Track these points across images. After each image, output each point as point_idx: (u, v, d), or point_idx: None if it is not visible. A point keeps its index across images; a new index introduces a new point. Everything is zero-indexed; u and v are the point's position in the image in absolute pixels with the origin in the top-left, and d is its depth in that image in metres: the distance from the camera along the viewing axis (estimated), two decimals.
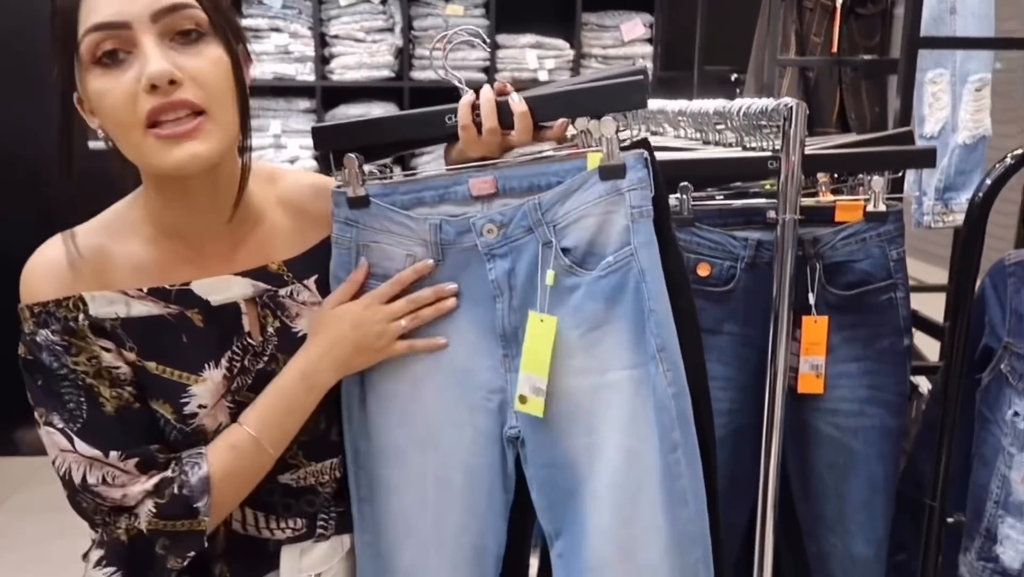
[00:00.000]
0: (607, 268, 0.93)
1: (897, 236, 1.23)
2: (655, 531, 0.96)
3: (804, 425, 1.25)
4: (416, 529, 1.01)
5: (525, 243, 0.95)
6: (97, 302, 0.87)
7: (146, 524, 0.86)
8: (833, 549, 1.27)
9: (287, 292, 0.96)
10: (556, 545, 1.01)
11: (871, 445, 1.24)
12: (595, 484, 0.97)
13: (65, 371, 0.85)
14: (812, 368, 1.22)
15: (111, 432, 0.86)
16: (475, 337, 0.98)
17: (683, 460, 0.95)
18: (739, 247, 1.24)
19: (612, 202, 0.92)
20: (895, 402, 1.24)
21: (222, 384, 0.91)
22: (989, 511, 1.22)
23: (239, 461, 0.90)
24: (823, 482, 1.26)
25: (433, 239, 0.96)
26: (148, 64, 0.79)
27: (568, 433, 0.97)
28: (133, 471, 0.86)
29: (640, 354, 0.94)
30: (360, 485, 1.01)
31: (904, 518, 1.30)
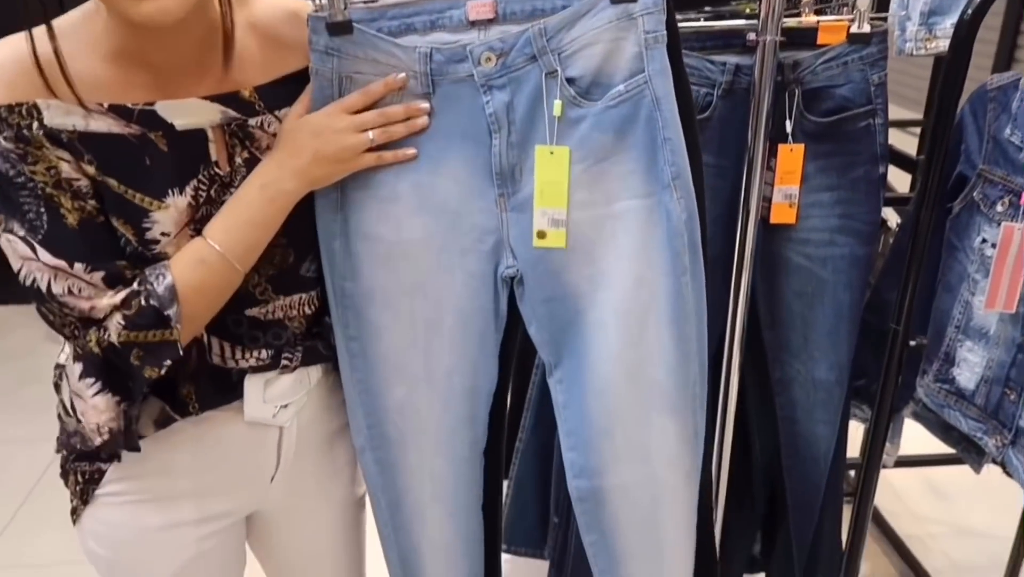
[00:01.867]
0: (617, 98, 0.90)
1: (880, 59, 1.19)
2: (661, 351, 0.98)
3: (774, 255, 1.25)
4: (406, 369, 1.02)
5: (526, 73, 0.90)
6: (52, 111, 0.82)
7: (116, 336, 0.85)
8: (796, 375, 1.30)
9: (257, 122, 0.91)
10: (556, 373, 1.03)
11: (839, 274, 1.25)
12: (599, 312, 0.97)
13: (23, 179, 0.81)
14: (786, 198, 1.21)
15: (74, 244, 0.83)
16: (466, 176, 0.94)
17: (691, 283, 0.97)
18: (716, 72, 1.18)
19: (622, 28, 0.88)
20: (866, 231, 1.24)
21: (186, 212, 0.87)
22: (949, 335, 1.26)
23: (207, 276, 0.87)
24: (790, 310, 1.27)
25: (423, 69, 0.90)
26: None
27: (570, 266, 0.96)
28: (100, 284, 0.84)
29: (653, 183, 0.92)
30: (347, 325, 1.00)
31: (866, 345, 1.33)
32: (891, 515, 2.28)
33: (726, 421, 1.25)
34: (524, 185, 0.94)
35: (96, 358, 0.86)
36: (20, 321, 3.36)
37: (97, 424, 0.89)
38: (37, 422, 2.72)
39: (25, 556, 2.16)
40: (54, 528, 2.25)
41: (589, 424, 1.02)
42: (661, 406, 1.01)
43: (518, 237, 0.96)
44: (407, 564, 1.16)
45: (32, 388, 2.90)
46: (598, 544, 1.10)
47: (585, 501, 1.07)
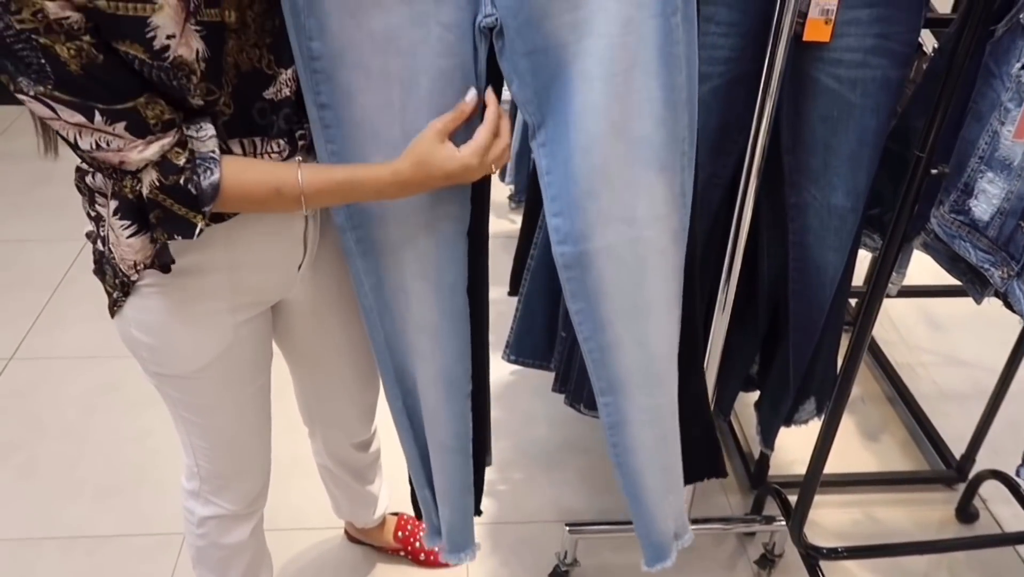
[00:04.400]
0: None
1: None
2: (648, 102, 0.95)
3: (803, 75, 1.20)
4: (382, 135, 0.98)
5: None
6: None
7: (147, 190, 0.87)
8: (812, 200, 1.29)
9: None
10: (539, 135, 0.99)
11: (868, 97, 1.20)
12: (584, 62, 0.93)
13: (13, 31, 0.77)
14: (822, 13, 1.14)
15: (84, 91, 0.81)
16: None
17: (682, 24, 0.92)
18: None
19: None
20: (901, 52, 1.18)
21: (180, 6, 0.83)
22: (972, 166, 1.23)
23: (272, 200, 0.92)
24: (813, 134, 1.24)
25: None
26: None
27: (552, 11, 0.91)
28: (125, 135, 0.84)
29: None
30: (318, 91, 0.95)
31: (885, 174, 1.31)
32: (885, 344, 2.35)
33: (738, 240, 1.26)
34: None
35: (131, 203, 0.89)
36: (28, 123, 3.31)
37: (133, 261, 0.95)
38: (53, 222, 2.77)
39: (56, 348, 2.26)
40: (81, 322, 2.34)
41: (574, 186, 0.99)
42: (648, 163, 0.98)
43: None
44: (393, 346, 1.17)
45: (45, 189, 2.91)
46: (584, 312, 1.10)
47: (571, 268, 1.06)
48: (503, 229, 2.72)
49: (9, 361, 2.22)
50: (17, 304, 2.42)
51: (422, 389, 1.21)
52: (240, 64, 0.90)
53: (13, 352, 2.25)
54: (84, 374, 2.16)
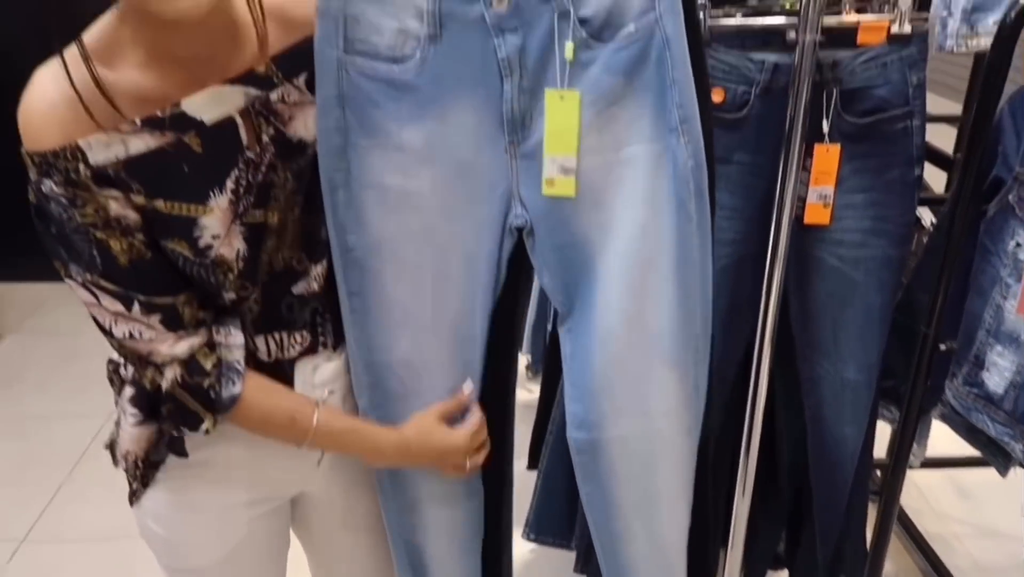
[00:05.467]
0: (628, 38, 0.90)
1: (919, 60, 1.18)
2: (663, 300, 0.98)
3: (807, 255, 1.26)
4: (411, 319, 1.00)
5: (538, 15, 0.89)
6: (95, 149, 0.84)
7: (167, 384, 0.90)
8: (826, 374, 1.31)
9: (278, 95, 0.92)
10: (567, 322, 1.03)
11: (871, 275, 1.25)
12: (607, 258, 0.97)
13: (74, 224, 0.84)
14: (820, 198, 1.21)
15: (128, 283, 0.87)
16: (476, 124, 0.93)
17: (696, 232, 0.97)
18: (755, 70, 1.19)
19: None
20: (899, 233, 1.24)
21: (229, 210, 0.90)
22: (980, 339, 1.25)
23: (285, 426, 0.96)
24: (821, 310, 1.28)
25: (430, 8, 0.89)
26: None
27: (579, 213, 0.96)
28: (158, 327, 0.88)
29: (660, 127, 0.92)
30: (349, 280, 0.98)
31: (896, 346, 1.33)
32: (915, 513, 2.28)
33: (755, 418, 1.26)
34: (534, 132, 0.93)
35: (146, 393, 0.92)
36: (63, 299, 3.43)
37: (127, 450, 0.97)
38: (79, 399, 2.80)
39: (68, 531, 2.22)
40: (96, 504, 2.31)
41: (592, 375, 1.02)
42: (662, 357, 1.01)
43: (528, 185, 0.95)
44: (406, 523, 1.15)
45: (74, 365, 2.97)
46: (594, 495, 1.10)
47: (583, 453, 1.07)
48: (521, 399, 2.69)
49: (21, 543, 2.19)
50: (35, 481, 2.40)
51: (436, 568, 1.18)
52: (274, 262, 0.95)
53: (26, 533, 2.21)
54: (99, 558, 2.12)
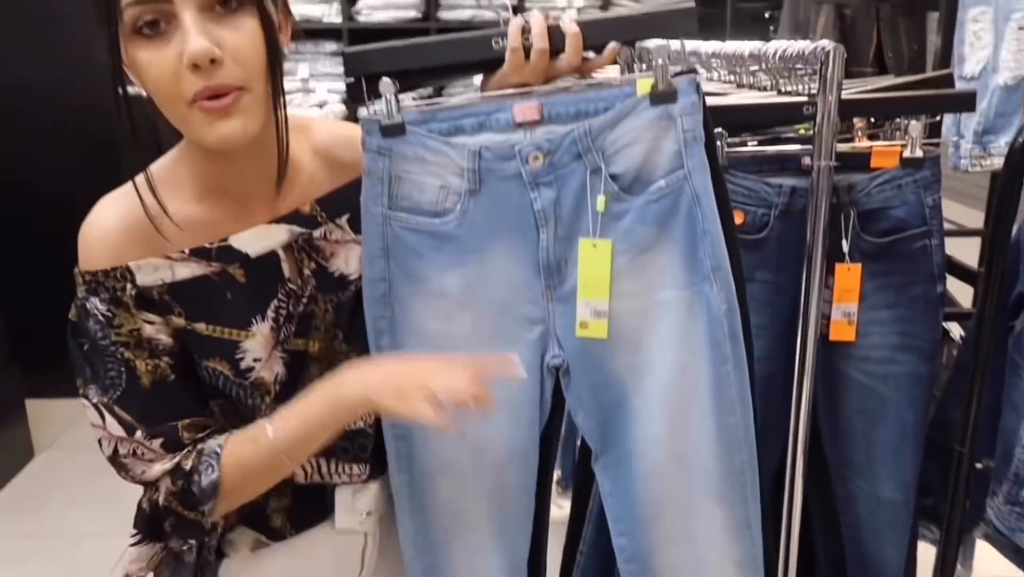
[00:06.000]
0: (658, 192, 0.94)
1: (933, 182, 1.22)
2: (705, 439, 0.99)
3: (835, 372, 1.26)
4: (454, 465, 1.02)
5: (572, 170, 0.94)
6: (143, 271, 0.89)
7: (163, 498, 0.91)
8: (861, 492, 1.29)
9: (320, 233, 0.97)
10: (602, 459, 1.04)
11: (901, 391, 1.25)
12: (643, 398, 0.99)
13: (107, 342, 0.88)
14: (844, 316, 1.22)
15: (145, 406, 0.89)
16: (513, 271, 0.97)
17: (732, 372, 0.98)
18: (773, 194, 1.23)
19: (663, 127, 0.92)
20: (927, 349, 1.24)
21: (271, 336, 0.94)
22: (1018, 456, 1.23)
23: (254, 457, 0.90)
24: (852, 427, 1.27)
25: (471, 166, 0.94)
26: (188, 42, 0.79)
27: (615, 355, 0.99)
28: (159, 450, 0.90)
29: (693, 274, 0.95)
30: (395, 423, 1.01)
31: (932, 463, 1.31)
32: None
33: (790, 539, 1.24)
34: (569, 277, 0.97)
35: (144, 513, 0.93)
36: None
37: (127, 572, 0.98)
38: (109, 516, 2.79)
39: None
40: None
41: (636, 509, 1.02)
42: (706, 492, 1.01)
43: (564, 328, 0.98)
44: None
45: (100, 481, 2.97)
46: None
47: None
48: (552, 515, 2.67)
49: None
50: None
51: None
52: None
53: None
54: None
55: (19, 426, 3.07)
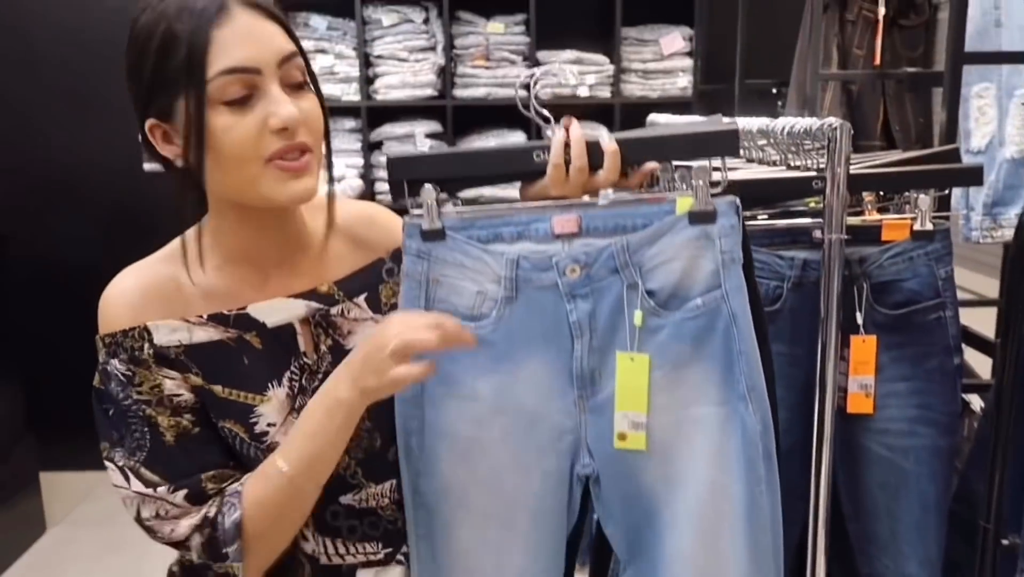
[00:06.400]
0: (695, 310, 0.95)
1: (945, 254, 1.23)
2: (735, 558, 0.98)
3: (854, 444, 1.25)
4: (476, 569, 1.02)
5: (609, 284, 0.95)
6: (161, 331, 0.92)
7: (196, 557, 0.91)
8: (885, 570, 1.26)
9: (338, 311, 0.99)
10: (628, 570, 1.03)
11: (922, 465, 1.23)
12: (673, 511, 0.98)
13: (129, 401, 0.90)
14: (861, 388, 1.22)
15: (171, 462, 0.90)
16: (546, 379, 0.98)
17: (766, 492, 0.97)
18: (785, 267, 1.24)
19: (701, 246, 0.93)
20: (946, 422, 1.23)
21: (286, 402, 0.95)
22: None
23: (270, 492, 0.90)
24: (874, 502, 1.25)
25: (508, 274, 0.95)
26: (280, 107, 0.86)
27: (646, 466, 0.98)
28: (183, 504, 0.90)
29: (728, 392, 0.95)
30: (418, 522, 1.01)
31: (958, 538, 1.28)
32: None
33: None
34: (603, 388, 0.98)
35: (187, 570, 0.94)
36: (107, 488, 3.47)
37: None
38: None
39: None
40: None
41: None
42: None
43: (596, 438, 0.98)
44: None
45: (113, 557, 2.95)
46: None
47: None
48: None
49: None
50: None
51: None
52: None
53: None
54: None
55: (33, 499, 3.06)
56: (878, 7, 2.44)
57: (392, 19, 3.19)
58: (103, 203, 3.34)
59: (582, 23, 3.36)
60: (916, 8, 2.48)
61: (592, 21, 3.37)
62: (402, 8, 3.20)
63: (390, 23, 3.19)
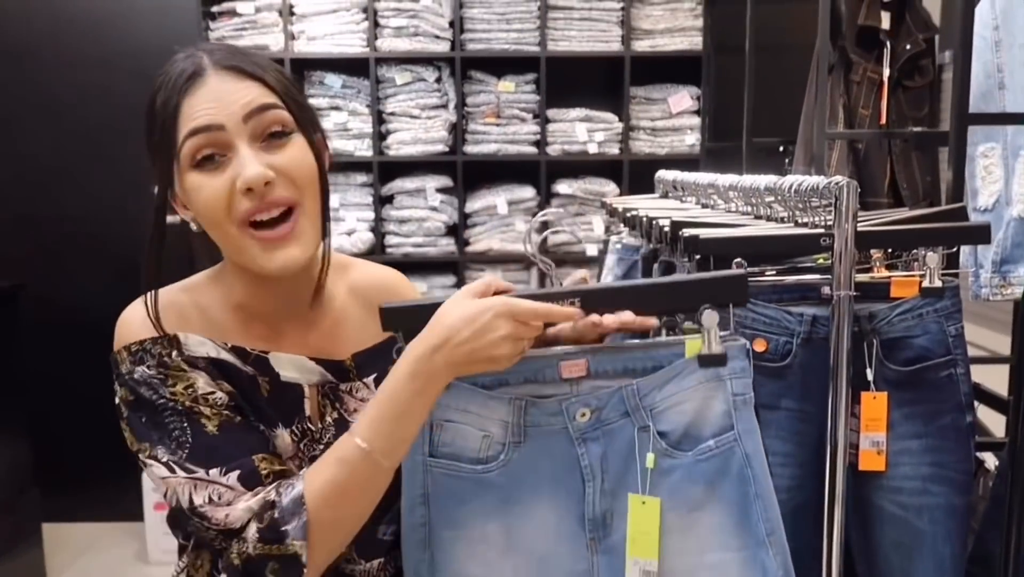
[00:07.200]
0: (707, 452, 0.93)
1: (955, 312, 1.23)
2: None
3: (867, 503, 1.23)
4: None
5: (619, 427, 0.93)
6: (190, 341, 0.93)
7: (252, 548, 0.85)
8: None
9: (347, 387, 1.00)
10: None
11: (937, 524, 1.21)
12: None
13: (164, 401, 0.89)
14: (873, 445, 1.21)
15: (218, 450, 0.88)
16: (557, 521, 0.95)
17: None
18: (794, 323, 1.24)
19: (711, 388, 0.92)
20: (960, 480, 1.22)
21: (292, 447, 0.95)
22: None
23: (347, 476, 0.86)
24: (888, 562, 1.23)
25: (516, 421, 0.93)
26: (245, 168, 0.86)
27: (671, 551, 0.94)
28: (237, 486, 0.87)
29: (746, 537, 0.93)
30: None
31: None
32: None
33: None
34: (615, 529, 0.95)
35: (237, 572, 0.86)
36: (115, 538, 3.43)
37: None
38: None
39: None
40: None
41: None
42: None
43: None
44: None
45: None
46: None
47: None
48: None
49: None
50: None
51: None
52: None
53: None
54: None
55: (34, 550, 3.03)
56: (882, 69, 2.48)
57: (405, 78, 3.27)
58: (117, 255, 3.37)
59: (591, 82, 3.44)
60: (920, 70, 2.52)
61: (601, 80, 3.44)
62: (415, 67, 3.28)
63: (403, 81, 3.27)
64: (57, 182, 3.37)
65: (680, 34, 3.30)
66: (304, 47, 3.23)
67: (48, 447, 3.06)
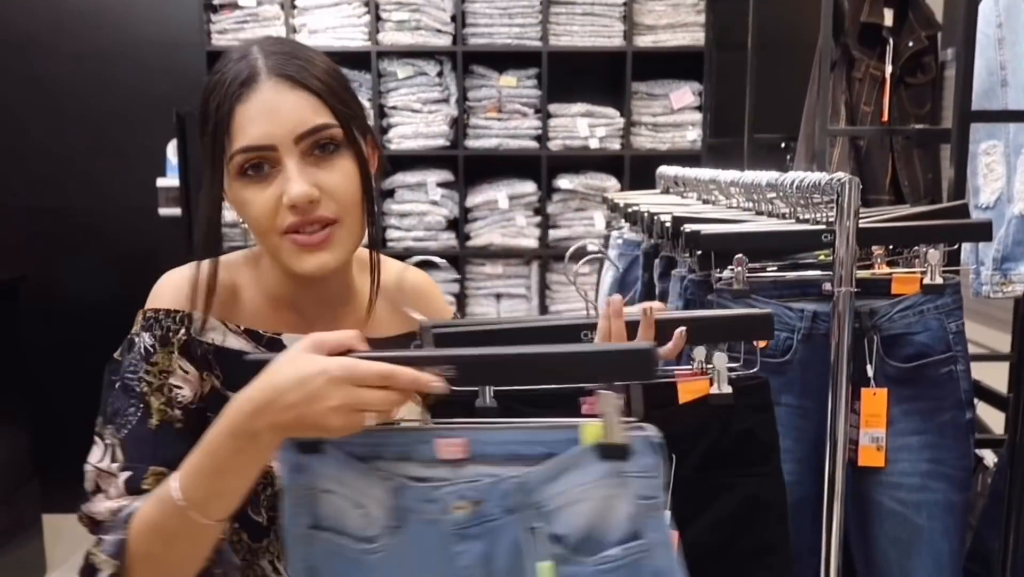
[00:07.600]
0: (612, 561, 0.77)
1: (955, 308, 1.23)
2: None
3: (866, 498, 1.24)
4: None
5: (504, 525, 0.77)
6: (200, 323, 0.94)
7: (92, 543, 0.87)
8: None
9: None
10: None
11: (935, 520, 1.22)
12: None
13: (136, 377, 0.92)
14: (872, 441, 1.21)
15: (143, 444, 0.90)
16: None
17: None
18: (795, 319, 1.25)
19: (614, 485, 0.75)
20: (959, 476, 1.22)
21: None
22: None
23: (161, 519, 0.81)
24: (887, 558, 1.23)
25: (390, 503, 0.79)
26: (291, 186, 0.88)
27: None
28: (121, 487, 0.89)
29: None
30: None
31: None
32: None
33: None
34: None
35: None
36: None
37: None
38: None
39: None
40: None
41: None
42: None
43: None
44: None
45: None
46: None
47: None
48: None
49: None
50: None
51: None
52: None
53: None
54: None
55: (34, 542, 3.03)
56: (885, 66, 2.48)
57: (407, 72, 3.27)
58: (118, 247, 3.38)
59: (593, 77, 3.43)
60: (923, 67, 2.52)
61: (603, 76, 3.44)
62: (417, 61, 3.27)
63: (404, 75, 3.27)
64: (59, 174, 3.36)
65: (682, 29, 3.30)
66: (305, 40, 3.22)
67: (48, 438, 3.06)
